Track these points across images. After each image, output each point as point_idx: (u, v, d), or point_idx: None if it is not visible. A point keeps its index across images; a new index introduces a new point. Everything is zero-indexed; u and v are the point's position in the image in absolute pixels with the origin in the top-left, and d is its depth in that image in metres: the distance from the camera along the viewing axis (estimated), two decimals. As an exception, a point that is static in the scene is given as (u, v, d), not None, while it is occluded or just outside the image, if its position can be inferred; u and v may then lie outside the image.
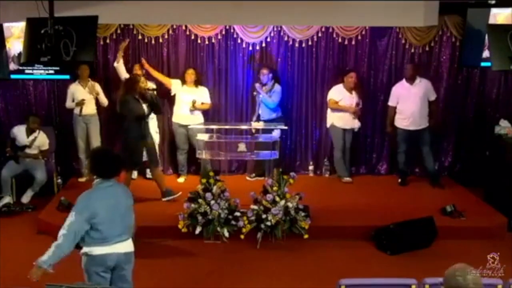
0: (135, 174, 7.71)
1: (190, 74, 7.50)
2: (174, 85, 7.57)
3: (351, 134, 7.72)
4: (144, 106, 6.66)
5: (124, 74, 7.40)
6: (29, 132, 7.08)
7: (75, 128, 7.55)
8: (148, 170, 7.73)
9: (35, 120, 7.09)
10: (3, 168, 7.06)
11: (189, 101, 7.48)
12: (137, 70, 7.42)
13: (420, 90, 7.34)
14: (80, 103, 7.38)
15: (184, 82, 7.55)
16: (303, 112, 7.98)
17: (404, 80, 7.44)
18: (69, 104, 7.50)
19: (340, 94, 7.57)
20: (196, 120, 7.53)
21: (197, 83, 7.57)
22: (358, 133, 7.88)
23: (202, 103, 7.55)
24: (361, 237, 6.10)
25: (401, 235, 5.90)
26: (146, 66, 7.52)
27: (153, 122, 7.67)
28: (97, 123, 7.60)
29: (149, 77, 7.45)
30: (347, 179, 7.72)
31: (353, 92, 7.57)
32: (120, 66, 7.37)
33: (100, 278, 3.89)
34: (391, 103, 7.53)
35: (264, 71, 7.50)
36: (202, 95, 7.58)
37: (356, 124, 7.67)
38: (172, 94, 7.62)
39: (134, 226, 4.14)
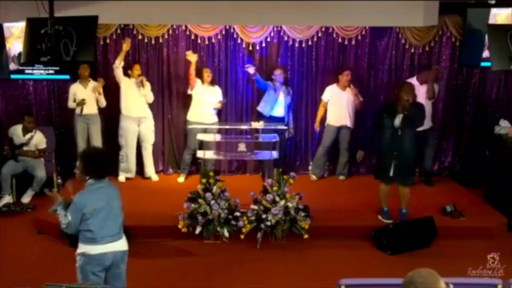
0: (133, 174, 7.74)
1: (208, 73, 7.52)
2: (197, 84, 7.56)
3: (345, 134, 7.72)
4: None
5: (121, 76, 7.40)
6: (25, 131, 7.08)
7: (75, 127, 7.54)
8: (147, 170, 7.76)
9: (30, 120, 7.07)
10: (3, 167, 7.06)
11: (212, 101, 7.49)
12: (138, 70, 7.41)
13: (424, 90, 7.28)
14: (81, 103, 7.36)
15: (202, 81, 7.55)
16: (303, 112, 7.98)
17: (414, 78, 7.40)
18: (70, 104, 7.48)
19: (329, 94, 7.65)
20: (213, 119, 7.56)
21: (212, 82, 7.58)
22: (356, 133, 7.89)
23: (220, 102, 7.59)
24: (361, 237, 6.10)
25: (401, 235, 5.90)
26: (193, 58, 7.36)
27: (150, 121, 7.67)
28: (99, 123, 7.58)
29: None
30: (314, 177, 7.87)
31: (347, 89, 7.56)
32: (119, 68, 7.36)
33: (96, 278, 3.91)
34: None
35: (278, 71, 7.51)
36: (219, 94, 7.62)
37: (347, 121, 7.66)
38: (189, 93, 7.60)
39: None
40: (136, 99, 7.47)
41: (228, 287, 5.16)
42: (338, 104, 7.61)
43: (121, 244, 4.04)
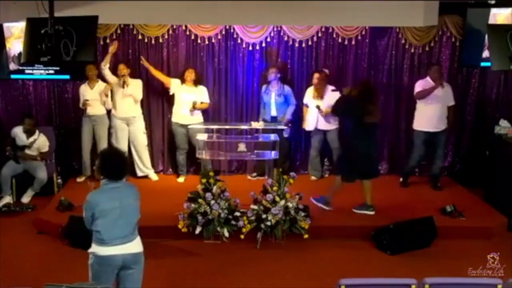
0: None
1: (190, 73, 7.50)
2: (173, 84, 7.55)
3: (331, 135, 7.68)
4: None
5: (110, 77, 7.41)
6: (28, 133, 7.07)
7: (82, 128, 7.56)
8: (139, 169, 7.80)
9: (29, 122, 7.06)
10: (3, 167, 7.06)
11: (189, 101, 7.47)
12: (121, 70, 7.39)
13: (442, 92, 7.26)
14: (84, 104, 7.37)
15: (183, 81, 7.55)
16: (303, 112, 7.98)
17: (428, 78, 7.31)
18: (81, 105, 7.51)
19: (307, 97, 7.66)
20: (196, 120, 7.53)
21: (196, 82, 7.56)
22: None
23: (201, 103, 7.53)
24: (361, 237, 6.10)
25: (401, 235, 5.90)
26: (146, 64, 7.50)
27: (140, 123, 7.68)
28: (105, 124, 7.56)
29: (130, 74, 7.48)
30: (313, 178, 7.88)
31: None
32: (106, 69, 7.37)
33: (106, 278, 3.89)
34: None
35: (272, 70, 7.51)
36: (201, 95, 7.58)
37: (319, 124, 7.63)
38: (171, 93, 7.61)
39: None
40: (121, 99, 7.46)
41: (228, 287, 5.16)
42: (312, 108, 7.60)
43: (133, 246, 3.97)
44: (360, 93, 6.36)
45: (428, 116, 7.32)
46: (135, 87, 7.49)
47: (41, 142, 7.11)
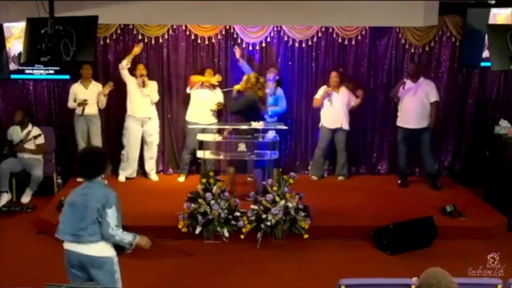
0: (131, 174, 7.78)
1: (211, 74, 7.53)
2: (198, 84, 7.57)
3: (341, 135, 7.71)
4: None
5: (128, 76, 7.42)
6: (21, 126, 7.14)
7: (76, 128, 7.54)
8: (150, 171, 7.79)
9: (20, 113, 7.17)
10: (2, 162, 7.06)
11: (208, 101, 7.51)
12: (141, 70, 7.42)
13: (419, 89, 7.31)
14: (83, 104, 7.37)
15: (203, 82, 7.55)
16: (303, 112, 7.99)
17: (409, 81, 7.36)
18: (70, 104, 7.49)
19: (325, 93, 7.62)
20: (212, 120, 7.56)
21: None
22: (356, 133, 7.90)
23: (219, 103, 7.58)
24: (361, 237, 6.10)
25: (401, 235, 5.90)
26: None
27: (155, 122, 7.69)
28: (99, 123, 7.59)
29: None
30: (314, 178, 7.86)
31: (340, 90, 7.56)
32: (126, 70, 7.38)
33: (70, 274, 3.95)
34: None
35: (272, 69, 7.53)
36: (219, 95, 7.63)
37: (343, 123, 7.65)
38: (188, 92, 7.61)
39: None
40: (140, 99, 7.48)
41: (228, 287, 5.16)
42: (331, 106, 7.58)
43: (88, 249, 3.87)
44: (251, 87, 6.63)
45: (405, 112, 7.40)
46: (152, 88, 7.52)
47: (35, 133, 7.16)
